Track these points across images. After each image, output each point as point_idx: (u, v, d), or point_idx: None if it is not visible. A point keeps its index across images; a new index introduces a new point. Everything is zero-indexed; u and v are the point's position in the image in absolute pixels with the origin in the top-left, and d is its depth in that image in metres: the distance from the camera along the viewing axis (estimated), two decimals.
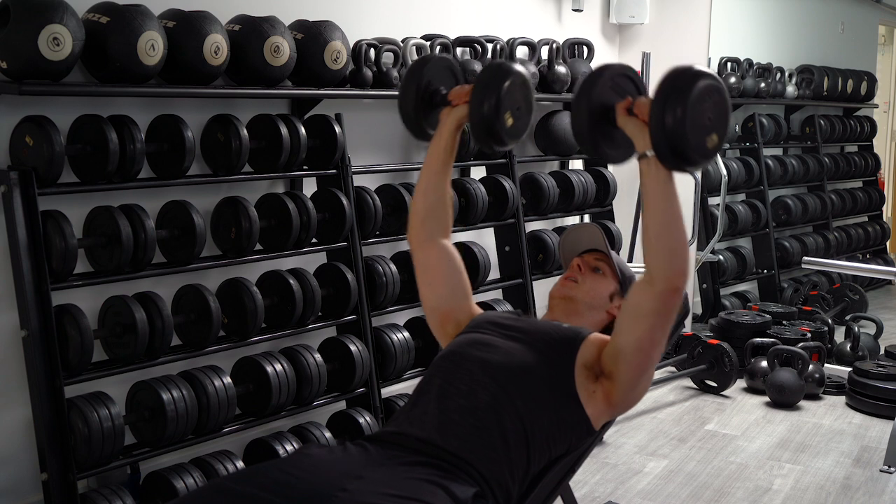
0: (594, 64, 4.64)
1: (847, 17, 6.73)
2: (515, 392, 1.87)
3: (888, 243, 6.81)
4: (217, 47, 2.88)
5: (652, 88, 1.73)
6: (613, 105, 1.82)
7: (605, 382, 1.90)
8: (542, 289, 4.32)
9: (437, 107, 2.11)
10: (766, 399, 4.48)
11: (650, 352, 1.85)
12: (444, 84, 2.11)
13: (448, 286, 2.15)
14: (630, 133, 1.79)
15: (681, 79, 1.71)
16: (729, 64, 5.45)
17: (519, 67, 2.00)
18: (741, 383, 4.67)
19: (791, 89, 5.94)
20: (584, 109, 1.82)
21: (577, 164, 4.86)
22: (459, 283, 2.16)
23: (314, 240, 3.35)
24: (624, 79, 1.85)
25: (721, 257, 5.54)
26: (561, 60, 4.43)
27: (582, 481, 3.45)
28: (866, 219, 6.76)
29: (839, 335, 5.13)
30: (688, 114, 1.68)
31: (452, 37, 3.95)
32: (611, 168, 4.88)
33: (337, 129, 3.39)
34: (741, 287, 5.85)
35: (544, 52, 4.43)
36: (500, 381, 1.89)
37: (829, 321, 5.13)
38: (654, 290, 1.79)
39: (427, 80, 2.10)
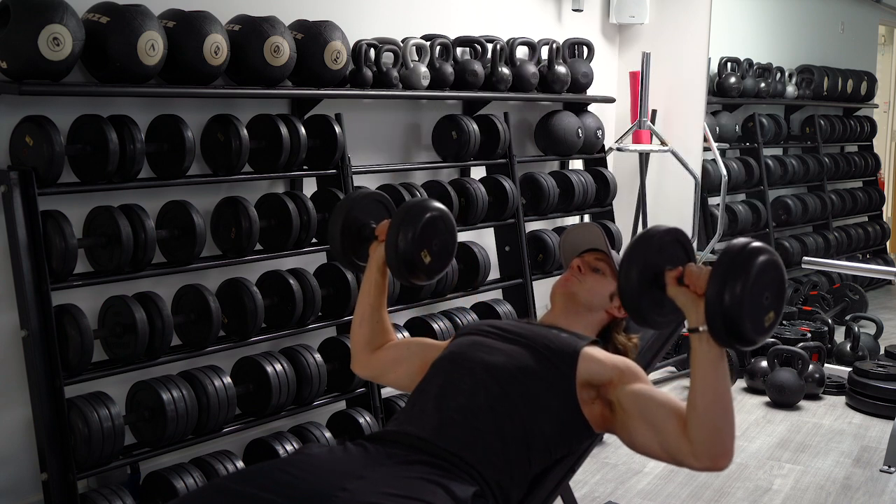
0: (594, 64, 4.64)
1: (847, 17, 6.72)
2: (516, 394, 1.87)
3: (888, 243, 6.81)
4: (217, 47, 2.88)
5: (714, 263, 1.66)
6: (663, 271, 1.75)
7: (606, 408, 1.91)
8: (542, 289, 4.32)
9: (366, 241, 2.14)
10: (766, 399, 4.48)
11: (649, 457, 1.86)
12: (373, 218, 2.14)
13: (407, 356, 2.17)
14: (681, 304, 1.73)
15: (741, 254, 1.64)
16: (729, 64, 5.45)
17: (436, 204, 2.03)
18: (741, 383, 4.67)
19: (791, 89, 5.94)
20: (635, 276, 1.74)
21: (577, 164, 4.86)
22: (415, 344, 2.21)
23: (314, 240, 3.35)
24: (674, 243, 1.78)
25: None
26: (561, 60, 4.43)
27: (582, 481, 3.45)
28: (866, 219, 6.75)
29: (839, 335, 5.12)
30: (747, 292, 1.61)
31: (452, 37, 3.95)
32: (611, 168, 4.89)
33: (337, 129, 3.39)
34: None
35: (544, 52, 4.43)
36: (501, 382, 1.89)
37: (829, 321, 5.13)
38: (694, 461, 1.74)
39: (353, 217, 2.13)
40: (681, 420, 1.76)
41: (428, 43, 3.75)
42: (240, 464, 3.00)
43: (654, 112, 5.04)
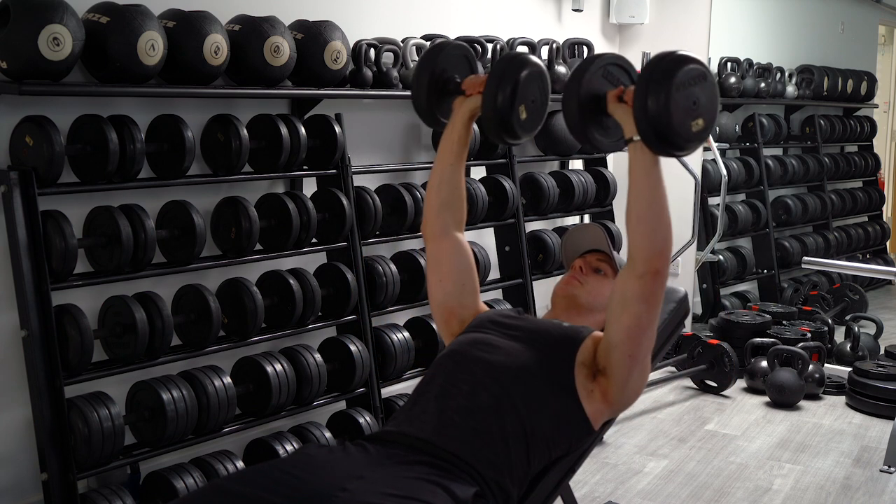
0: None
1: (847, 17, 6.72)
2: (516, 393, 1.87)
3: (888, 243, 6.80)
4: (217, 47, 2.88)
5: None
6: (605, 93, 1.83)
7: (602, 380, 1.90)
8: (542, 289, 4.32)
9: (450, 95, 2.06)
10: (766, 399, 4.48)
11: (639, 339, 1.85)
12: (458, 72, 2.07)
13: (457, 283, 2.14)
14: (619, 119, 1.81)
15: (664, 62, 1.72)
16: (729, 64, 5.45)
17: (535, 59, 1.98)
18: (741, 383, 4.67)
19: (791, 89, 5.94)
20: (575, 97, 1.83)
21: (577, 164, 4.86)
22: (469, 280, 2.15)
23: (314, 240, 3.35)
24: (616, 68, 1.86)
25: (721, 257, 5.54)
26: (561, 60, 4.43)
27: (582, 481, 3.45)
28: (866, 219, 6.75)
29: (839, 335, 5.13)
30: (671, 97, 1.68)
31: (452, 37, 3.94)
32: (611, 168, 4.88)
33: (337, 129, 3.39)
34: (741, 287, 5.85)
35: (544, 52, 4.43)
36: (502, 381, 1.89)
37: (829, 321, 5.13)
38: (635, 273, 1.80)
39: (441, 68, 2.06)
40: (619, 273, 1.87)
41: (428, 43, 3.75)
42: (240, 464, 3.00)
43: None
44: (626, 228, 1.82)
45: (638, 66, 1.85)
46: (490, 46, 4.06)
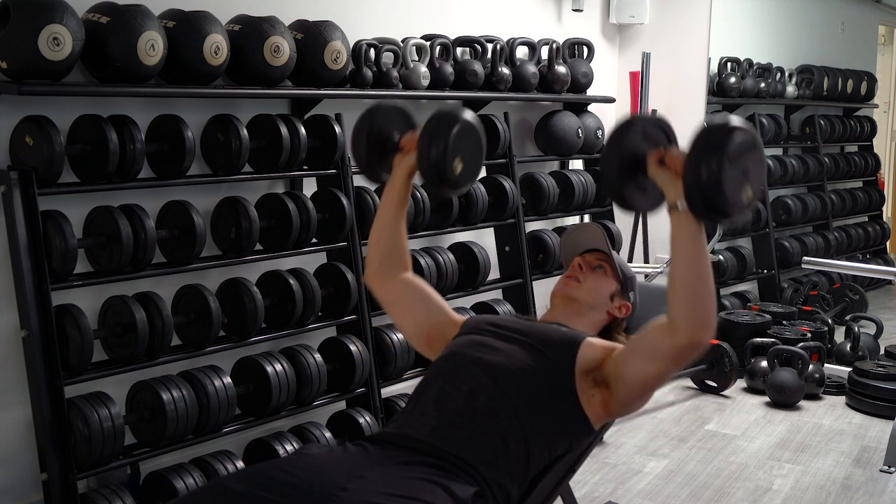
0: (594, 64, 4.65)
1: (847, 17, 6.72)
2: (515, 394, 1.87)
3: (888, 243, 6.80)
4: (217, 47, 2.88)
5: (687, 141, 1.71)
6: (644, 154, 1.78)
7: (604, 391, 1.90)
8: (542, 289, 4.32)
9: (390, 153, 2.11)
10: (766, 399, 4.48)
11: (654, 387, 1.88)
12: (397, 130, 2.11)
13: (421, 309, 2.15)
14: (661, 184, 1.76)
15: (718, 132, 1.68)
16: (729, 64, 5.45)
17: (467, 115, 2.01)
18: (741, 383, 4.66)
19: (791, 89, 5.94)
20: (615, 158, 1.79)
21: (577, 164, 4.87)
22: (431, 302, 2.16)
23: (314, 240, 3.35)
24: (655, 129, 1.82)
25: (721, 257, 5.53)
26: (561, 60, 4.43)
27: (582, 481, 3.45)
28: (866, 219, 6.74)
29: (839, 335, 5.12)
30: (724, 167, 1.64)
31: (452, 37, 3.95)
32: None
33: (337, 129, 3.39)
34: (741, 287, 5.84)
35: (544, 52, 4.43)
36: (500, 382, 1.89)
37: (829, 321, 5.12)
38: (675, 339, 1.76)
39: (379, 128, 2.10)
40: (660, 324, 1.81)
41: (428, 43, 3.75)
42: (240, 464, 3.00)
43: (654, 112, 5.04)
44: (668, 295, 1.77)
45: (638, 66, 1.85)
46: (490, 46, 4.07)
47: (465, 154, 1.98)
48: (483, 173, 4.22)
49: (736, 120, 1.71)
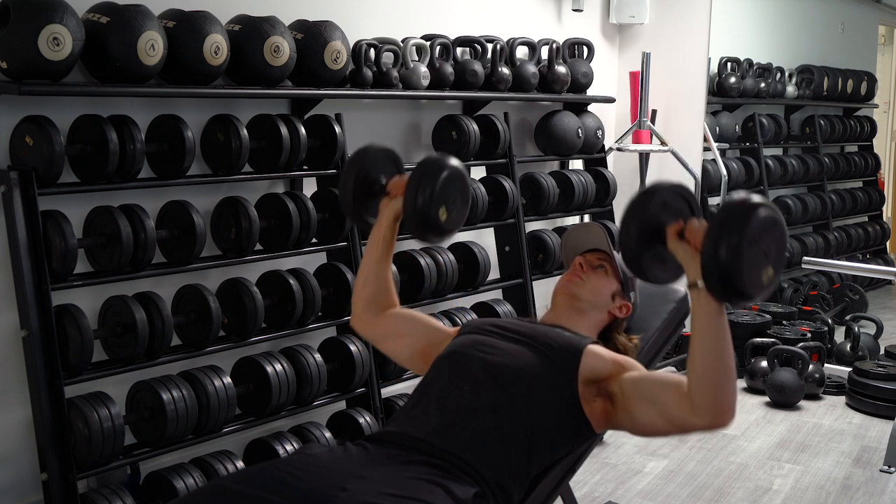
0: (594, 64, 4.64)
1: (847, 17, 6.72)
2: (517, 394, 1.87)
3: (888, 243, 6.81)
4: (217, 47, 2.88)
5: (709, 216, 1.67)
6: (664, 226, 1.73)
7: (607, 403, 1.90)
8: (542, 289, 4.32)
9: (376, 196, 2.12)
10: (766, 399, 4.48)
11: (658, 436, 1.88)
12: (384, 173, 2.12)
13: (411, 334, 2.16)
14: (681, 259, 1.72)
15: (739, 209, 1.62)
16: (729, 64, 5.45)
17: (453, 162, 2.01)
18: (741, 383, 4.66)
19: (791, 89, 5.94)
20: (634, 229, 1.74)
21: (577, 164, 4.86)
22: (419, 324, 2.17)
23: (314, 240, 3.35)
24: (678, 198, 1.76)
25: None
26: (561, 60, 4.43)
27: (582, 481, 3.45)
28: (866, 219, 6.75)
29: (839, 335, 5.12)
30: (743, 247, 1.58)
31: (452, 37, 3.95)
32: (611, 168, 4.89)
33: (337, 129, 3.39)
34: None
35: (544, 52, 4.43)
36: (502, 382, 1.89)
37: (829, 321, 5.13)
38: (694, 420, 1.73)
39: (366, 171, 2.11)
40: (679, 387, 1.76)
41: (428, 43, 3.75)
42: (240, 464, 2.99)
43: (654, 112, 5.04)
44: (689, 376, 1.72)
45: (638, 66, 1.83)
46: (490, 46, 4.07)
47: (450, 203, 1.99)
48: (483, 173, 4.23)
49: (757, 197, 1.65)
